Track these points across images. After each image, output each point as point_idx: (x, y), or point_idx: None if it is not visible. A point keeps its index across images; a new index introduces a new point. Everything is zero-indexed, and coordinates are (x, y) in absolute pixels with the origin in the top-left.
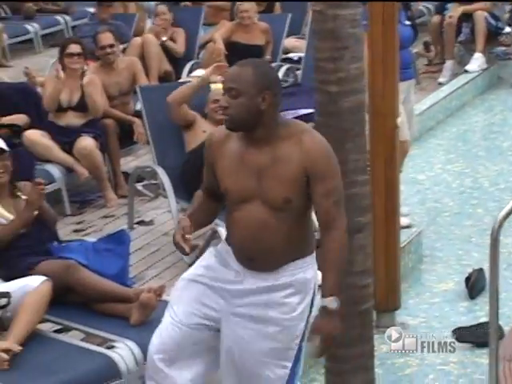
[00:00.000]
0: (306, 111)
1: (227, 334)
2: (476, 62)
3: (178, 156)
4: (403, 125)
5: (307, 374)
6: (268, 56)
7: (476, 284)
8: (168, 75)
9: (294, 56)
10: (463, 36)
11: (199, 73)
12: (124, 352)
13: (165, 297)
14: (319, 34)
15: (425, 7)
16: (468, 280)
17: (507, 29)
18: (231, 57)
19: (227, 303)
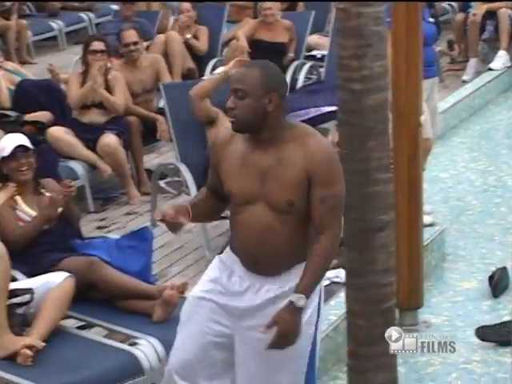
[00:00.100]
0: (329, 109)
1: (242, 347)
2: (500, 60)
3: (201, 153)
4: (426, 123)
5: (330, 372)
6: (291, 54)
7: (499, 282)
8: (191, 72)
9: (318, 54)
10: (487, 34)
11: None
12: (147, 349)
13: (187, 294)
14: (343, 32)
15: (449, 5)
16: (491, 278)
17: None
18: (254, 54)
19: (237, 320)
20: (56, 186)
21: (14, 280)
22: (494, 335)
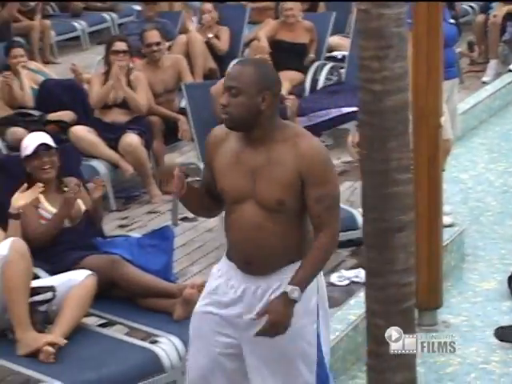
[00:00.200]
0: (350, 109)
1: (251, 357)
2: None
3: None
4: (446, 124)
5: (349, 372)
6: (312, 54)
7: None
8: (213, 73)
9: (338, 54)
10: (507, 35)
11: None
12: (167, 347)
13: None
14: (364, 33)
15: (469, 6)
16: (510, 279)
17: None
18: (275, 55)
19: (241, 330)
20: (75, 185)
21: (37, 278)
22: None
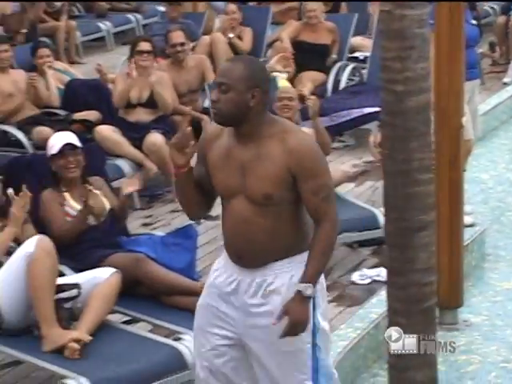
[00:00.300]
0: (372, 110)
1: (252, 346)
2: None
3: None
4: (468, 124)
5: (370, 370)
6: (334, 55)
7: None
8: None
9: (360, 55)
10: None
11: None
12: (191, 344)
13: None
14: (386, 34)
15: (490, 7)
16: None
17: None
18: (298, 55)
19: (239, 321)
20: (101, 184)
21: (62, 275)
22: None
